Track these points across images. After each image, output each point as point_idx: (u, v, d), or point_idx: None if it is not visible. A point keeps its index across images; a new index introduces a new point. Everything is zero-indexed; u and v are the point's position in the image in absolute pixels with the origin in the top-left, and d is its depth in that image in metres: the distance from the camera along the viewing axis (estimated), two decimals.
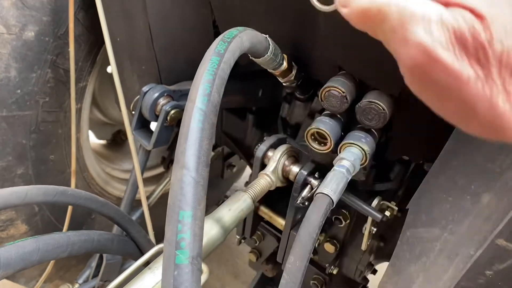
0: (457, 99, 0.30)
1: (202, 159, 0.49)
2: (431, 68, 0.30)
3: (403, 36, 0.31)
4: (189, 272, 0.44)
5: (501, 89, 0.28)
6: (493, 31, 0.28)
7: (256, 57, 0.74)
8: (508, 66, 0.28)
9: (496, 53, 0.28)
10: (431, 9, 0.29)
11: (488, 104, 0.28)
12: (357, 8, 0.33)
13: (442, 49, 0.29)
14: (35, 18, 1.02)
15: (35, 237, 0.64)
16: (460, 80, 0.29)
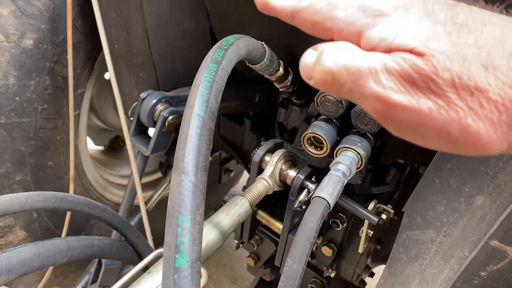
0: (430, 131, 0.31)
1: (200, 164, 0.50)
2: (394, 113, 0.32)
3: (360, 93, 0.33)
4: (188, 275, 0.45)
5: (466, 109, 0.29)
6: (435, 63, 0.29)
7: (253, 64, 0.76)
8: (464, 88, 0.29)
9: (447, 80, 0.29)
10: (375, 61, 0.32)
11: (460, 127, 0.30)
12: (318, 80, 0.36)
13: (395, 93, 0.31)
14: (33, 26, 1.03)
15: (35, 243, 0.64)
16: (423, 114, 0.30)
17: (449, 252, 0.68)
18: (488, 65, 0.29)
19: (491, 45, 0.29)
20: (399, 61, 0.30)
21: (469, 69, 0.29)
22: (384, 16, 0.33)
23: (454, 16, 0.31)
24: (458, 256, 0.67)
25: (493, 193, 0.62)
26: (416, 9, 0.32)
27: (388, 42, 0.32)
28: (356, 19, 0.34)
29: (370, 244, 1.04)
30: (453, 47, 0.29)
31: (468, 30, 0.30)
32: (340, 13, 0.35)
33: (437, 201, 0.69)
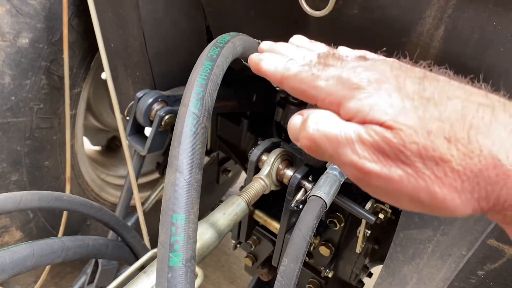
0: (403, 196, 0.34)
1: (195, 162, 0.49)
2: (368, 179, 0.35)
3: (339, 160, 0.37)
4: (183, 274, 0.44)
5: (433, 178, 0.32)
6: (403, 136, 0.32)
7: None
8: (430, 158, 0.32)
9: (414, 151, 0.32)
10: (351, 132, 0.35)
11: (428, 193, 0.32)
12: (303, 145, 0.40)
13: (369, 162, 0.34)
14: (29, 25, 1.03)
15: (29, 242, 0.64)
16: (394, 181, 0.33)
17: (446, 251, 0.68)
18: (451, 138, 0.31)
19: (454, 119, 0.31)
20: (371, 133, 0.33)
21: (433, 141, 0.31)
22: (360, 89, 0.36)
23: (422, 91, 0.34)
24: (455, 255, 0.66)
25: None
26: (388, 84, 0.35)
27: (363, 114, 0.35)
28: (336, 91, 0.37)
29: (367, 243, 1.04)
30: (419, 121, 0.32)
31: (434, 104, 0.33)
32: (322, 84, 0.39)
33: None
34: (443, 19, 0.56)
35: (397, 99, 0.34)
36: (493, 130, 0.31)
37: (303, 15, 0.67)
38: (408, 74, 0.36)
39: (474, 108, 0.32)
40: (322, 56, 0.42)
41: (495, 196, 0.31)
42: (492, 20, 0.53)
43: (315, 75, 0.40)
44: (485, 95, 0.34)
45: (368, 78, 0.36)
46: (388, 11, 0.62)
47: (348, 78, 0.37)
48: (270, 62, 0.45)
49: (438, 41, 0.59)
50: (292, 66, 0.43)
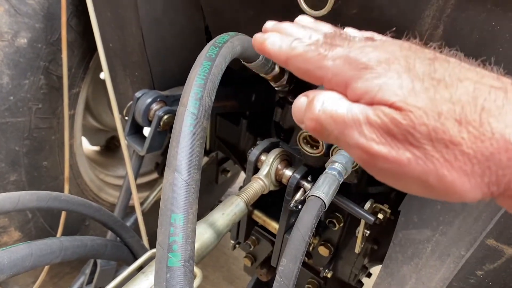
0: (410, 179, 0.34)
1: (194, 162, 0.49)
2: (375, 161, 0.34)
3: (345, 142, 0.36)
4: (181, 274, 0.44)
5: (442, 161, 0.31)
6: (412, 117, 0.31)
7: (248, 62, 0.75)
8: (439, 141, 0.31)
9: (424, 133, 0.31)
10: (358, 113, 0.34)
11: (437, 177, 0.32)
12: (309, 127, 0.39)
13: (376, 145, 0.33)
14: (27, 25, 1.03)
15: (27, 243, 0.64)
16: (402, 164, 0.33)
17: (445, 251, 0.68)
18: (462, 120, 0.30)
19: (465, 101, 0.31)
20: (380, 114, 0.33)
21: (444, 123, 0.31)
22: (369, 69, 0.35)
23: (432, 72, 0.33)
24: (454, 255, 0.66)
25: None
26: (398, 64, 0.34)
27: (371, 95, 0.34)
28: (343, 71, 0.36)
29: (366, 244, 1.04)
30: (430, 102, 0.31)
31: (444, 86, 0.32)
32: (328, 63, 0.38)
33: (433, 200, 0.69)
34: (442, 19, 0.56)
35: (407, 80, 0.33)
36: (506, 113, 0.30)
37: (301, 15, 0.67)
38: (418, 55, 0.35)
39: (486, 90, 0.31)
40: (329, 36, 0.41)
41: (506, 181, 0.30)
42: (491, 20, 0.53)
43: (321, 55, 0.38)
44: (497, 78, 0.33)
45: (377, 58, 0.35)
46: (386, 11, 0.62)
47: (356, 58, 0.36)
48: (274, 42, 0.44)
49: (437, 41, 0.59)
50: (297, 45, 0.41)
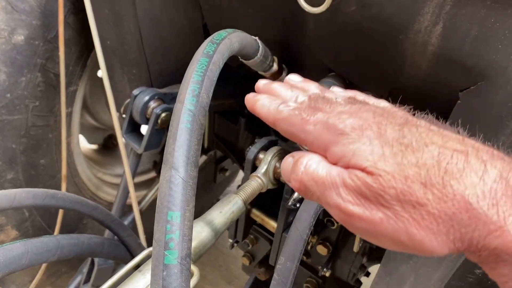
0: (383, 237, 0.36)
1: (191, 159, 0.49)
2: (352, 221, 0.37)
3: (326, 202, 0.39)
4: (178, 272, 0.43)
5: (411, 220, 0.34)
6: (382, 181, 0.34)
7: (246, 59, 0.75)
8: (407, 202, 0.34)
9: (393, 196, 0.34)
10: (336, 176, 0.38)
11: (407, 235, 0.34)
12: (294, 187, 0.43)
13: (352, 206, 0.36)
14: (24, 22, 1.02)
15: (23, 240, 0.63)
16: (376, 223, 0.35)
17: None
18: (427, 183, 0.33)
19: (430, 164, 0.34)
20: (354, 178, 0.36)
21: (410, 186, 0.34)
22: (345, 135, 0.38)
23: (401, 137, 0.36)
24: (453, 254, 0.66)
25: None
26: (371, 130, 0.37)
27: (346, 159, 0.37)
28: (323, 135, 0.40)
29: (365, 243, 1.03)
30: (397, 167, 0.34)
31: (411, 151, 0.35)
32: (310, 128, 0.42)
33: None
34: (441, 16, 0.56)
35: (377, 145, 0.36)
36: (466, 176, 0.33)
37: (300, 12, 0.67)
38: (390, 120, 0.38)
39: (449, 154, 0.34)
40: (313, 98, 0.46)
41: (468, 238, 0.33)
42: (490, 16, 0.53)
43: (304, 119, 0.42)
44: (461, 140, 0.36)
45: (352, 124, 0.38)
46: (385, 8, 0.61)
47: (334, 124, 0.39)
48: (264, 104, 0.49)
49: (436, 38, 0.58)
50: (283, 109, 0.46)
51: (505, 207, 0.31)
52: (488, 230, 0.32)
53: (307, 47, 0.83)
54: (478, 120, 0.59)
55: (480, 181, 0.32)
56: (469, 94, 0.59)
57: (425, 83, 0.67)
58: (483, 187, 0.32)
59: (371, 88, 0.77)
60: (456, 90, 0.60)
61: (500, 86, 0.55)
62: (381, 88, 0.75)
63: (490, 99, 0.56)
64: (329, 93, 0.51)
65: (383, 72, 0.72)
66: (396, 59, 0.67)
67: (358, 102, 0.45)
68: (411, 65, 0.66)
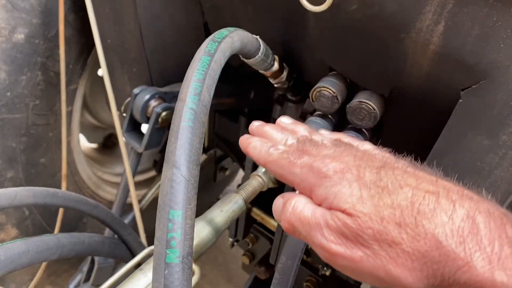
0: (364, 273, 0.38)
1: (192, 158, 0.49)
2: (335, 259, 0.40)
3: (311, 242, 0.42)
4: (179, 271, 0.43)
5: (388, 258, 0.36)
6: (360, 222, 0.37)
7: (247, 58, 0.75)
8: (384, 241, 0.36)
9: (370, 235, 0.37)
10: (319, 217, 0.41)
11: (385, 272, 0.37)
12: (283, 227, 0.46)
13: (334, 245, 0.39)
14: (25, 20, 1.02)
15: (24, 239, 0.63)
16: (356, 261, 0.38)
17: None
18: (401, 223, 0.36)
19: (404, 205, 0.36)
20: (335, 219, 0.39)
21: (386, 227, 0.36)
22: (327, 178, 0.41)
23: (378, 180, 0.39)
24: None
25: (489, 189, 0.61)
26: (350, 173, 0.41)
27: (329, 201, 0.40)
28: (308, 178, 0.43)
29: None
30: (374, 208, 0.37)
31: (387, 193, 0.38)
32: (297, 171, 0.45)
33: None
34: (443, 15, 0.56)
35: (356, 188, 0.39)
36: (436, 215, 0.35)
37: (301, 11, 0.67)
38: (368, 163, 0.41)
39: (421, 195, 0.37)
40: (301, 140, 0.49)
41: (440, 274, 0.35)
42: (492, 15, 0.53)
43: (292, 162, 0.46)
44: (434, 181, 0.39)
45: (334, 168, 0.42)
46: (387, 7, 0.61)
47: (318, 167, 0.43)
48: (255, 146, 0.53)
49: (438, 37, 0.58)
50: (273, 152, 0.49)
51: (471, 244, 0.34)
52: (457, 266, 0.34)
53: (308, 46, 0.83)
54: (479, 119, 0.59)
55: (449, 220, 0.35)
56: (470, 93, 0.59)
57: (427, 82, 0.67)
58: (451, 226, 0.34)
59: (372, 86, 0.77)
60: (458, 89, 0.60)
61: (502, 85, 0.55)
62: (382, 87, 0.75)
63: (492, 98, 0.56)
64: (317, 135, 0.54)
65: (384, 71, 0.72)
66: (397, 58, 0.67)
67: (343, 144, 0.48)
68: (412, 64, 0.66)
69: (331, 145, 0.48)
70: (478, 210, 0.35)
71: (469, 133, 0.61)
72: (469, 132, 0.60)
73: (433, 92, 0.68)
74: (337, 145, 0.47)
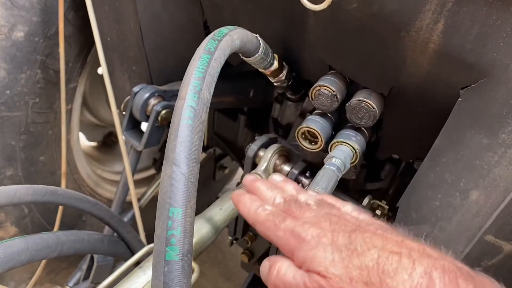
0: None
1: (192, 156, 0.49)
2: None
3: None
4: (179, 268, 0.44)
5: None
6: (332, 283, 0.41)
7: (247, 56, 0.75)
8: None
9: None
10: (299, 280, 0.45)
11: None
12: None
13: None
14: (24, 18, 1.02)
15: (23, 237, 0.63)
16: None
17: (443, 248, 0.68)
18: (368, 282, 0.40)
19: (370, 266, 0.40)
20: (312, 281, 0.43)
21: (355, 286, 0.40)
22: (305, 242, 0.46)
23: (349, 243, 0.44)
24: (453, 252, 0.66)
25: (488, 187, 0.61)
26: (325, 237, 0.45)
27: (307, 264, 0.45)
28: (289, 241, 0.48)
29: None
30: (344, 270, 0.41)
31: (356, 255, 0.42)
32: (280, 234, 0.50)
33: (432, 196, 0.69)
34: (442, 13, 0.56)
35: (329, 252, 0.43)
36: (398, 274, 0.39)
37: (301, 9, 0.66)
38: (342, 228, 0.46)
39: (386, 256, 0.41)
40: (287, 201, 0.55)
41: None
42: (492, 14, 0.53)
43: (276, 226, 0.50)
44: (400, 242, 0.43)
45: (312, 233, 0.46)
46: (387, 5, 0.61)
47: (298, 232, 0.48)
48: (245, 204, 0.57)
49: (438, 36, 0.58)
50: (261, 213, 0.54)
51: None
52: None
53: (308, 45, 0.83)
54: (478, 118, 0.59)
55: (409, 278, 0.39)
56: (470, 92, 0.59)
57: (426, 81, 0.67)
58: (411, 283, 0.38)
59: (372, 85, 0.77)
60: (457, 87, 0.60)
61: (501, 84, 0.55)
62: (381, 86, 0.75)
63: (491, 96, 0.56)
64: (303, 194, 0.59)
65: (383, 70, 0.72)
66: (397, 57, 0.67)
67: (325, 205, 0.54)
68: (412, 63, 0.66)
69: (314, 205, 0.53)
70: (435, 267, 0.39)
71: (468, 132, 0.61)
72: (468, 130, 0.61)
73: (433, 90, 0.68)
74: (319, 205, 0.53)
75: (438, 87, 0.66)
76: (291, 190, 0.62)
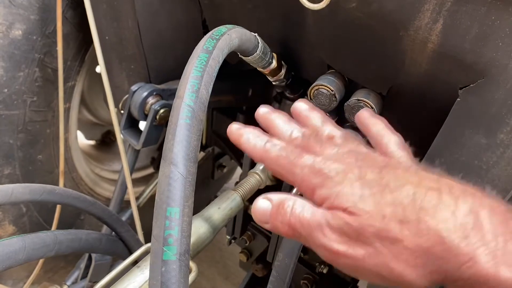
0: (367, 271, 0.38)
1: (190, 155, 0.49)
2: (337, 258, 0.40)
3: (313, 243, 0.42)
4: (176, 268, 0.43)
5: (390, 255, 0.36)
6: (361, 220, 0.37)
7: (245, 56, 0.74)
8: (385, 239, 0.36)
9: (372, 233, 0.37)
10: (320, 218, 0.40)
11: (387, 269, 0.37)
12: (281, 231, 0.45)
13: (336, 244, 0.39)
14: (22, 16, 1.01)
15: (21, 236, 0.63)
16: (358, 259, 0.38)
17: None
18: (403, 220, 0.36)
19: (406, 203, 0.36)
20: (336, 219, 0.39)
21: (388, 224, 0.36)
22: (329, 178, 0.41)
23: (380, 179, 0.39)
24: None
25: (487, 188, 0.61)
26: (352, 174, 0.40)
27: (330, 201, 0.40)
28: (309, 178, 0.43)
29: None
30: (376, 207, 0.37)
31: (389, 191, 0.38)
32: (298, 171, 0.44)
33: None
34: (441, 13, 0.56)
35: (357, 187, 0.39)
36: (439, 212, 0.35)
37: (300, 8, 0.66)
38: (370, 164, 0.42)
39: (423, 192, 0.37)
40: (307, 135, 0.48)
41: (443, 270, 0.35)
42: (491, 14, 0.53)
43: (291, 163, 0.45)
44: (436, 179, 0.39)
45: (336, 169, 0.41)
46: (386, 5, 0.61)
47: (320, 169, 0.42)
48: (249, 140, 0.51)
49: (436, 35, 0.58)
50: (271, 149, 0.47)
51: (475, 239, 0.33)
52: (460, 261, 0.34)
53: (307, 44, 0.82)
54: (477, 118, 0.59)
55: (452, 216, 0.35)
56: (468, 92, 0.59)
57: (425, 81, 0.67)
58: (454, 222, 0.34)
59: (370, 85, 0.77)
60: (456, 87, 0.60)
61: (500, 84, 0.55)
62: (380, 86, 0.75)
63: (490, 96, 0.56)
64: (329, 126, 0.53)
65: (382, 69, 0.72)
66: (395, 56, 0.67)
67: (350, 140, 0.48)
68: (410, 62, 0.66)
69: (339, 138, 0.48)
70: (482, 206, 0.35)
71: (466, 132, 0.61)
72: (467, 130, 0.61)
73: (431, 90, 0.68)
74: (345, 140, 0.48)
75: (436, 87, 0.66)
76: (316, 120, 0.54)
